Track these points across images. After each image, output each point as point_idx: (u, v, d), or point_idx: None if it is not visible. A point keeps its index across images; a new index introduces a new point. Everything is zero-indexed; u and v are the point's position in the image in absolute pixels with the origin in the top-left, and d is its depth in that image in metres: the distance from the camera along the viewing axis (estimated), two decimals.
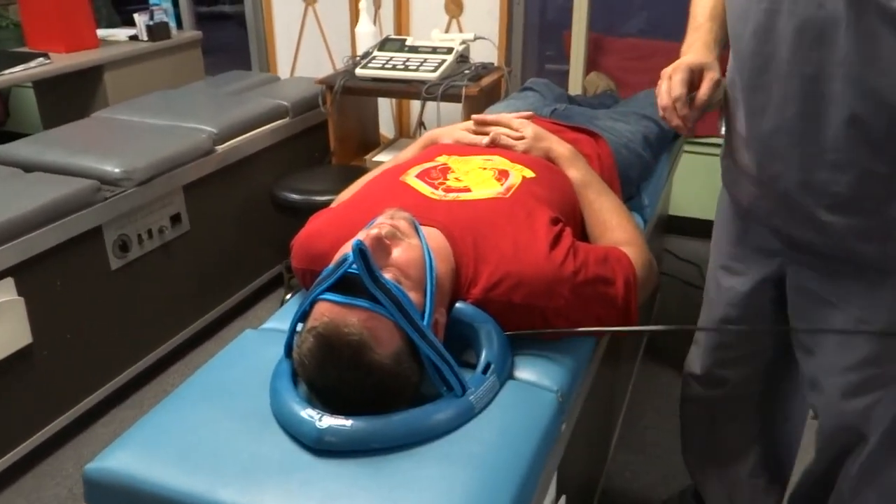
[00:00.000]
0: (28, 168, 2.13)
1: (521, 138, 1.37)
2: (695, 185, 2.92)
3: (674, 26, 1.33)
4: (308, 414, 0.90)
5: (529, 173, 1.26)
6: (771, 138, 1.05)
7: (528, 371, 1.07)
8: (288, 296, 2.58)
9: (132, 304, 2.18)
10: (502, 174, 1.24)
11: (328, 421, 0.89)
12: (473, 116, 1.45)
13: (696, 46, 1.19)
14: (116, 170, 2.07)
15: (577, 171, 1.33)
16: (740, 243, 1.30)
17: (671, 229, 2.99)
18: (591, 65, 2.97)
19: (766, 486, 1.51)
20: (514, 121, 1.40)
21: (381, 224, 1.00)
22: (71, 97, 3.00)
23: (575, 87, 2.91)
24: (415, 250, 1.00)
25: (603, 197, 1.32)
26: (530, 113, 1.49)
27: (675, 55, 1.22)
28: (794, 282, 1.19)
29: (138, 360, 2.24)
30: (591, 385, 1.23)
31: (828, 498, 1.27)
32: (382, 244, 0.97)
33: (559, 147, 1.37)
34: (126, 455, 0.92)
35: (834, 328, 1.13)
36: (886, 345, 1.09)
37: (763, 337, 1.36)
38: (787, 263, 1.20)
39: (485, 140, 1.38)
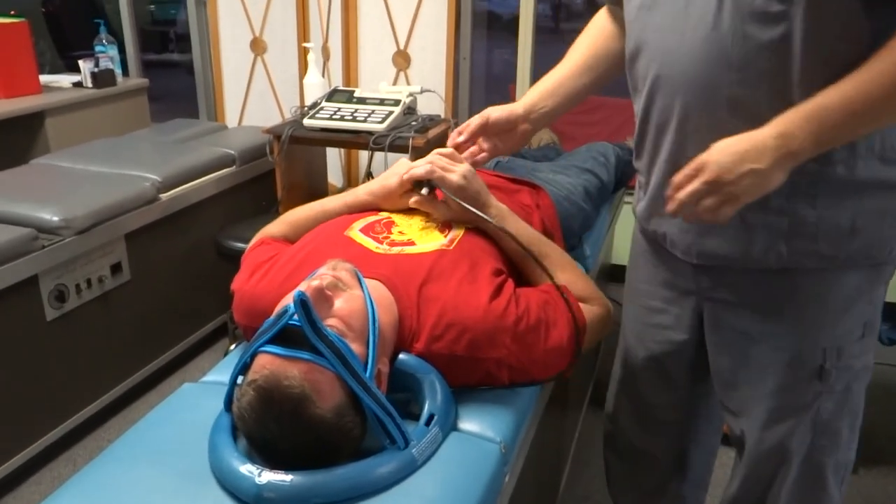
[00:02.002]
0: None
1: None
2: None
3: (616, 83, 1.38)
4: (247, 469, 0.89)
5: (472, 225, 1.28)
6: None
7: (471, 422, 1.07)
8: (232, 346, 2.54)
9: (68, 357, 2.11)
10: (446, 226, 1.26)
11: (268, 476, 0.87)
12: (407, 176, 1.28)
13: None
14: (54, 218, 2.03)
15: (512, 243, 1.24)
16: (655, 281, 1.31)
17: (614, 278, 3.04)
18: None
19: None
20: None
21: (323, 275, 1.00)
22: (10, 143, 2.94)
23: None
24: (357, 301, 1.00)
25: (546, 261, 1.24)
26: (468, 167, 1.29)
27: (616, 110, 1.28)
28: (711, 319, 1.22)
29: (73, 414, 2.16)
30: (535, 434, 1.24)
31: None
32: (324, 295, 0.97)
33: (497, 214, 1.25)
34: None
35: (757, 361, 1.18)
36: (796, 373, 1.15)
37: (682, 375, 1.38)
38: (702, 300, 1.23)
39: (412, 200, 1.27)
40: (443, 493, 0.92)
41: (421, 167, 1.23)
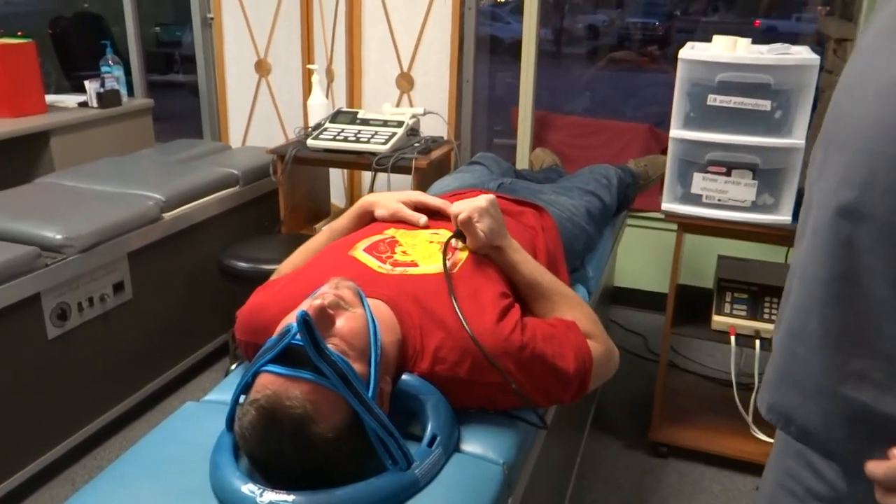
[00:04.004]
0: None
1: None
2: (639, 257, 3.00)
3: (615, 106, 1.38)
4: (249, 489, 0.88)
5: None
6: None
7: (474, 443, 1.07)
8: (233, 366, 2.53)
9: (69, 375, 2.10)
10: (449, 249, 1.26)
11: (270, 496, 0.87)
12: (416, 198, 1.39)
13: None
14: (58, 236, 2.03)
15: (521, 277, 1.25)
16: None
17: (617, 300, 3.05)
18: (538, 140, 3.07)
19: None
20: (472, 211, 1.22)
21: (325, 294, 1.00)
22: (15, 162, 2.95)
23: (522, 162, 3.00)
24: (359, 319, 1.00)
25: (554, 297, 1.26)
26: (490, 197, 1.27)
27: (617, 133, 1.24)
28: None
29: (73, 433, 2.14)
30: (538, 457, 1.23)
31: None
32: (326, 314, 0.97)
33: (509, 246, 1.26)
34: None
35: None
36: None
37: None
38: None
39: (422, 220, 1.34)
40: None
41: (465, 210, 1.21)
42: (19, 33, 3.37)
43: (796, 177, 1.82)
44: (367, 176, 3.13)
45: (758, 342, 1.97)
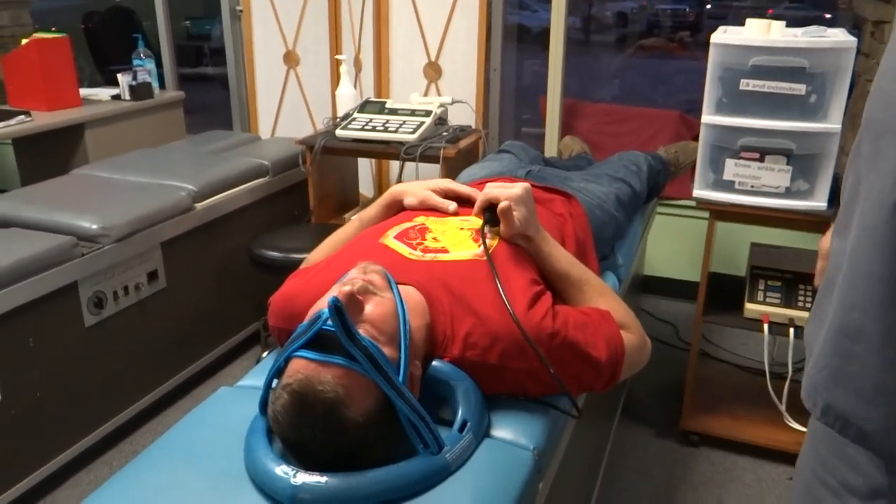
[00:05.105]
0: (4, 224, 2.13)
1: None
2: (669, 245, 2.97)
3: (645, 94, 1.37)
4: (283, 471, 0.89)
5: None
6: None
7: (504, 429, 1.07)
8: (264, 353, 2.56)
9: (105, 362, 2.15)
10: (479, 235, 1.26)
11: (303, 478, 0.88)
12: (445, 185, 1.39)
13: None
14: (94, 226, 2.07)
15: (552, 267, 1.24)
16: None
17: (647, 289, 3.02)
18: (566, 128, 3.05)
19: None
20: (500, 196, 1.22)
21: (354, 279, 1.01)
22: (51, 154, 3.01)
23: (550, 150, 2.98)
24: (387, 304, 1.01)
25: (585, 287, 1.25)
26: (526, 185, 1.25)
27: (647, 120, 1.22)
28: None
29: (110, 419, 2.19)
30: (568, 444, 1.23)
31: None
32: (355, 300, 0.97)
33: (541, 237, 1.25)
34: None
35: None
36: None
37: None
38: None
39: (452, 206, 1.34)
40: (476, 499, 0.92)
41: (503, 197, 1.19)
42: (53, 28, 3.43)
43: (832, 162, 1.79)
44: (395, 165, 3.15)
45: (791, 330, 1.94)
